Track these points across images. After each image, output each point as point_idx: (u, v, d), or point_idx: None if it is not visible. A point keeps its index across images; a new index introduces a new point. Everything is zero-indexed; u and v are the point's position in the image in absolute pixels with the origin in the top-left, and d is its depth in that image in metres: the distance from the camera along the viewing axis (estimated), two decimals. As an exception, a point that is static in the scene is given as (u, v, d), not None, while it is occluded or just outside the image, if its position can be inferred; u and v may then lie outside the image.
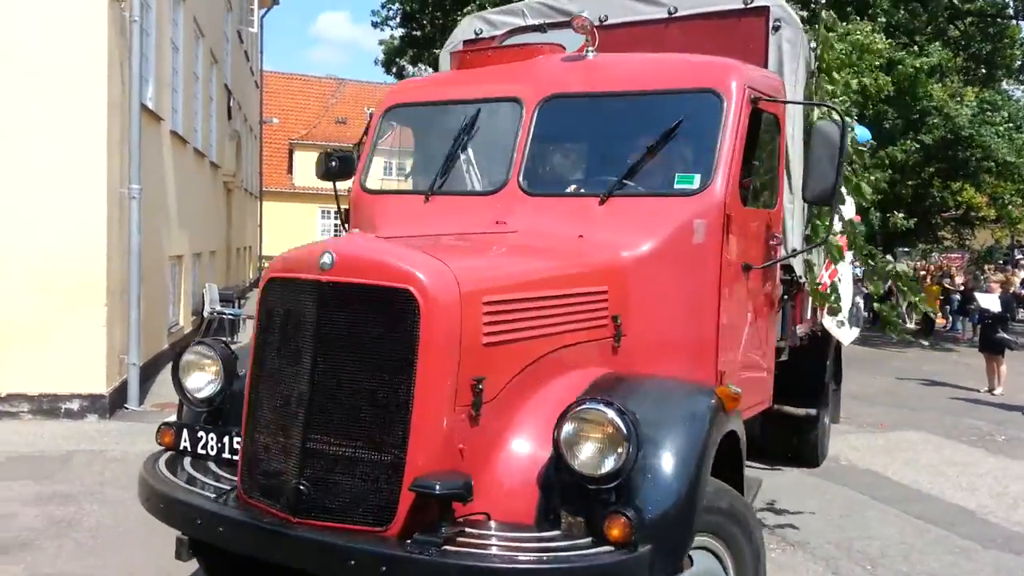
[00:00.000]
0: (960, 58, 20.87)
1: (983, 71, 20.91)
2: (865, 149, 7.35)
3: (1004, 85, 22.47)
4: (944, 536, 5.56)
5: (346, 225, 4.64)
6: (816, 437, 6.70)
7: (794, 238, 4.57)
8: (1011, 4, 19.41)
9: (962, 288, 20.27)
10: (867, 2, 17.29)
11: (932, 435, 8.83)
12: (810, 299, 5.42)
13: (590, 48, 4.17)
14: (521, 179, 3.90)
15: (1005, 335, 11.68)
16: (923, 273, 23.50)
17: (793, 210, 4.49)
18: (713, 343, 3.71)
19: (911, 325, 22.78)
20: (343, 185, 4.64)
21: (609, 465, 2.49)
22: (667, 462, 2.61)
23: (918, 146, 17.39)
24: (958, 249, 30.69)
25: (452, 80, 4.67)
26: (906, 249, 31.93)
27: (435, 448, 2.55)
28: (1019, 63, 21.09)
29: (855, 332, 7.04)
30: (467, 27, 5.51)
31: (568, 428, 2.56)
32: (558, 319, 3.08)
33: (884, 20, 17.03)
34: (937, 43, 17.89)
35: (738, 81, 3.80)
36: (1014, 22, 20.28)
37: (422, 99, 4.64)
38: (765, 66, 4.39)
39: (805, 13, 5.02)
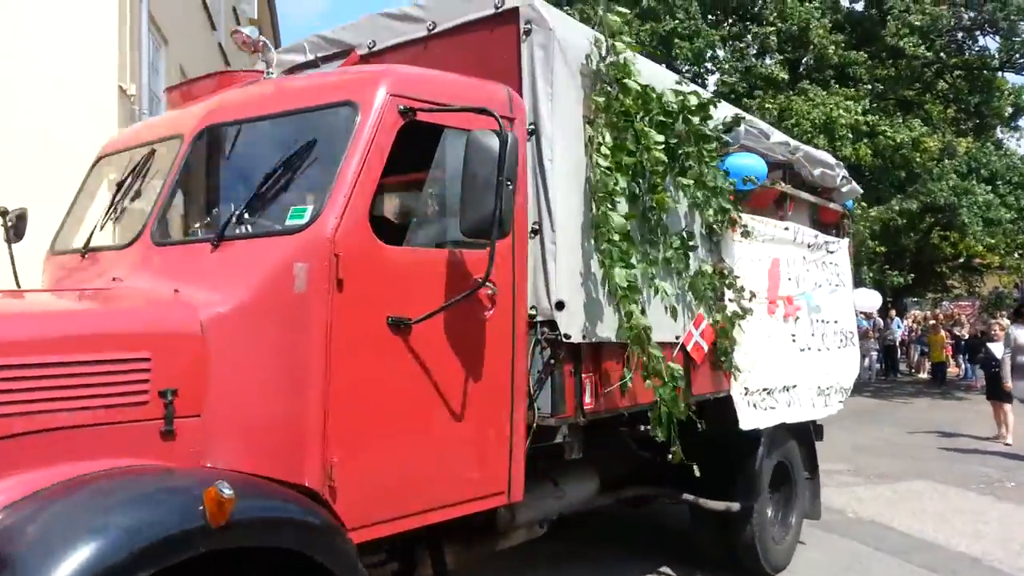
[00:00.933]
0: (951, 110, 21.27)
1: (974, 122, 21.24)
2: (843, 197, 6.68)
3: (999, 133, 22.79)
4: (947, 585, 5.58)
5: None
6: (752, 537, 5.34)
7: (558, 286, 3.62)
8: (996, 56, 19.86)
9: (967, 337, 20.25)
10: (846, 72, 17.82)
11: (939, 484, 8.79)
12: (648, 363, 3.99)
13: (270, 70, 3.74)
14: (155, 227, 3.36)
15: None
16: (932, 322, 23.46)
17: (556, 251, 3.64)
18: (317, 424, 2.80)
19: (923, 375, 22.71)
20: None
21: None
22: None
23: (898, 210, 17.61)
24: (968, 297, 30.67)
25: (152, 123, 4.26)
26: (916, 299, 32.00)
27: None
28: (1009, 112, 21.44)
29: (823, 407, 5.93)
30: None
31: None
32: (14, 395, 2.46)
33: (868, 87, 17.52)
34: (918, 113, 18.24)
35: (383, 90, 3.10)
36: (999, 74, 20.70)
37: (121, 148, 4.13)
38: (518, 78, 3.73)
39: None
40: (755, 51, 18.20)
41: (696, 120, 4.45)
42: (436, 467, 3.22)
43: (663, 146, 4.09)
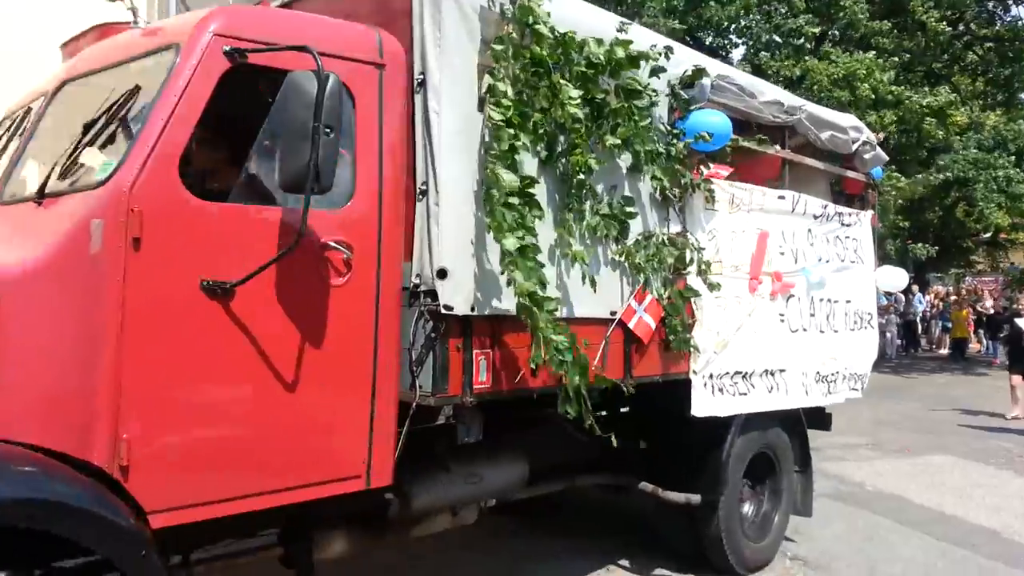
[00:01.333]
0: (980, 82, 20.91)
1: (1004, 95, 20.87)
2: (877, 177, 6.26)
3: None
4: (967, 556, 5.67)
5: None
6: (719, 532, 4.89)
7: (441, 253, 3.28)
8: (1029, 26, 19.48)
9: (992, 313, 20.17)
10: (871, 44, 17.57)
11: (959, 458, 8.88)
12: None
13: (136, 19, 3.49)
14: (6, 185, 3.20)
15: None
16: (954, 297, 23.35)
17: (439, 214, 3.29)
18: (107, 397, 2.56)
19: (943, 351, 22.64)
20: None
21: None
22: None
23: (929, 180, 17.48)
24: (991, 272, 30.41)
25: (39, 82, 4.03)
26: (939, 275, 31.77)
27: None
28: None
29: (822, 394, 5.41)
30: None
31: None
32: None
33: (895, 59, 17.27)
34: (945, 85, 17.97)
35: (208, 31, 2.83)
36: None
37: (15, 108, 3.90)
38: (410, 27, 3.39)
39: None
40: (783, 13, 17.87)
41: (630, 73, 3.99)
42: (264, 448, 2.89)
43: (579, 102, 3.68)
